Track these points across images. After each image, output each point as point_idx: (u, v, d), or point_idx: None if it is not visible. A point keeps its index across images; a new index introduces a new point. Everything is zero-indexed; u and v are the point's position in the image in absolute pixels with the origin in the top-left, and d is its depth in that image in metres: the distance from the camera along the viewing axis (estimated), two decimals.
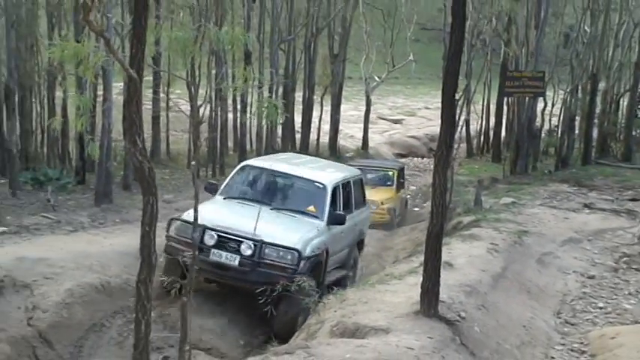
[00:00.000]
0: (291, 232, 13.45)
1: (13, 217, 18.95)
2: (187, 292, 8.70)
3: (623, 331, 12.04)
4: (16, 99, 25.80)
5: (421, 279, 10.47)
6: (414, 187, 33.15)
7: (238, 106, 33.69)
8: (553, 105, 38.77)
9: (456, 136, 14.81)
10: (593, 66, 35.86)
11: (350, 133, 44.66)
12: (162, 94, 31.21)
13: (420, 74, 46.09)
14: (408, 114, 57.81)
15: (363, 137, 43.74)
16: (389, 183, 25.41)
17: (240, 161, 31.46)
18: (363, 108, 45.10)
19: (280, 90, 35.47)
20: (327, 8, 40.82)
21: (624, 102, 38.82)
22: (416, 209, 27.62)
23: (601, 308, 13.86)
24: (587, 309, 13.83)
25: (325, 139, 41.86)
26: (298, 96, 40.07)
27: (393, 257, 19.22)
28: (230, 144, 34.74)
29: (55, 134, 28.95)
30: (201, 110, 9.45)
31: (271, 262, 12.80)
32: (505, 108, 39.67)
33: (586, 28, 36.53)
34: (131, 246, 13.39)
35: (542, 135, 37.23)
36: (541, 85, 30.53)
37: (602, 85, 37.20)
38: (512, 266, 14.97)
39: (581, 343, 11.93)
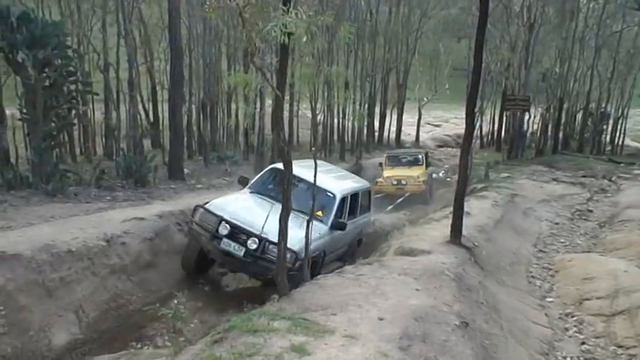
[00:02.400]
0: (293, 234, 9.18)
1: (206, 179, 19.30)
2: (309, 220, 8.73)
3: (575, 257, 12.09)
4: (208, 109, 26.28)
5: (451, 221, 10.51)
6: (447, 166, 32.73)
7: (341, 114, 33.69)
8: (534, 117, 38.78)
9: (474, 134, 14.48)
10: (560, 93, 35.66)
11: (407, 132, 44.72)
12: (295, 107, 31.49)
13: (451, 97, 45.70)
14: (444, 121, 58.45)
15: (416, 135, 44.28)
16: (420, 163, 22.92)
17: (340, 149, 31.92)
18: (416, 117, 45.03)
19: (366, 105, 35.54)
20: (395, 55, 41.02)
21: (579, 115, 38.73)
22: (448, 179, 27.31)
23: (562, 242, 13.90)
24: (553, 243, 13.87)
25: (392, 136, 42.33)
26: (377, 109, 40.05)
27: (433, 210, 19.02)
28: (334, 137, 34.70)
29: (231, 130, 29.43)
30: (318, 116, 10.20)
31: (272, 258, 9.49)
32: (504, 118, 39.17)
33: (556, 69, 36.60)
34: None
35: (528, 135, 36.84)
36: (528, 104, 31.09)
37: (565, 105, 36.88)
38: (506, 215, 14.98)
39: (549, 263, 11.93)
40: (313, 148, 24.90)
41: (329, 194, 11.48)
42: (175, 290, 9.08)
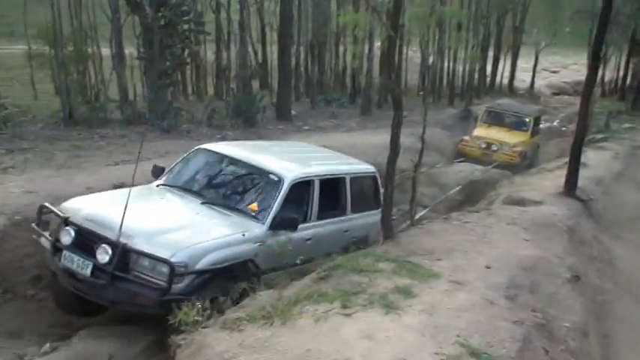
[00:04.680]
0: (175, 236, 6.26)
1: (313, 121, 19.51)
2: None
3: None
4: (316, 51, 26.34)
5: (565, 172, 10.17)
6: (563, 114, 31.33)
7: (452, 58, 32.83)
8: None
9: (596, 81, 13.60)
10: None
11: (522, 78, 42.97)
12: (404, 49, 30.96)
13: (572, 41, 43.48)
14: (562, 67, 55.19)
15: (531, 81, 42.49)
16: (524, 128, 18.82)
17: (449, 94, 31.23)
18: (532, 62, 43.19)
19: (479, 49, 34.42)
20: None
21: None
22: (563, 128, 26.15)
23: None
24: None
25: (505, 82, 40.67)
26: (489, 54, 38.64)
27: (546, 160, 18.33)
28: (444, 82, 33.95)
29: (338, 72, 29.42)
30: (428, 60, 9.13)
31: (141, 276, 5.96)
32: (631, 65, 36.71)
33: None
34: (380, 141, 13.49)
35: None
36: None
37: None
38: (629, 168, 14.27)
39: None
40: (421, 93, 24.60)
41: (272, 178, 7.43)
42: None
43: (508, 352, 4.67)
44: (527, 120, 19.16)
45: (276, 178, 7.39)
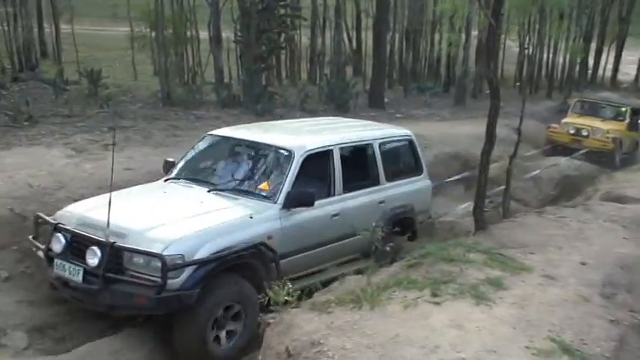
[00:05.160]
0: (170, 228, 5.78)
1: (405, 109, 19.38)
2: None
3: None
4: (411, 38, 26.13)
5: None
6: None
7: (551, 49, 31.77)
8: None
9: None
10: None
11: (626, 71, 40.99)
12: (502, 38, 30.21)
13: None
14: None
15: (636, 74, 40.43)
16: (620, 118, 17.24)
17: (547, 86, 30.27)
18: (638, 55, 41.13)
19: (581, 40, 33.17)
20: None
21: None
22: None
23: None
24: None
25: (607, 74, 38.93)
26: (592, 45, 37.13)
27: None
28: (542, 73, 32.91)
29: (432, 61, 29.08)
30: (527, 50, 8.65)
31: (137, 275, 5.55)
32: None
33: None
34: (473, 131, 13.33)
35: None
36: None
37: None
38: None
39: None
40: (518, 84, 23.99)
41: (283, 153, 6.84)
42: None
43: (602, 351, 4.54)
44: (623, 110, 17.65)
45: (285, 153, 6.82)
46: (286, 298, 5.09)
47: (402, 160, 8.31)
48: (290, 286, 5.16)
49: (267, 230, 6.21)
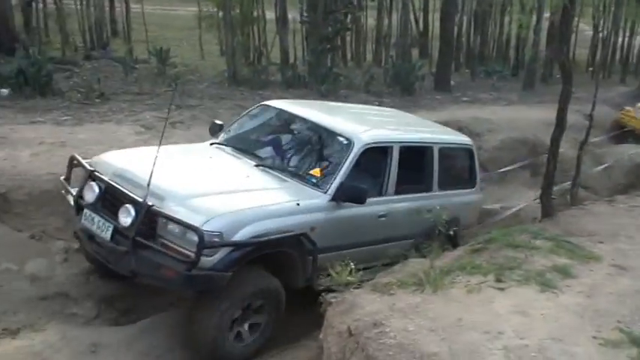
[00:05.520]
0: (213, 200, 5.40)
1: (472, 92, 19.03)
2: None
3: None
4: (479, 21, 25.64)
5: None
6: None
7: (627, 32, 30.64)
8: None
9: None
10: None
11: None
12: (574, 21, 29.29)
13: None
14: None
15: None
16: None
17: (621, 70, 29.23)
18: None
19: None
20: None
21: None
22: None
23: None
24: None
25: None
26: None
27: None
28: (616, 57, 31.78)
29: (501, 44, 28.46)
30: (600, 33, 8.32)
31: (167, 244, 5.14)
32: None
33: None
34: (542, 117, 13.02)
35: None
36: None
37: None
38: None
39: None
40: (591, 68, 23.27)
41: (342, 140, 6.40)
42: None
43: None
44: None
45: (345, 141, 6.33)
46: (348, 278, 5.14)
47: (458, 170, 7.84)
48: (353, 266, 5.19)
49: (311, 221, 5.78)
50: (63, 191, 6.19)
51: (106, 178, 5.65)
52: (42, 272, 6.43)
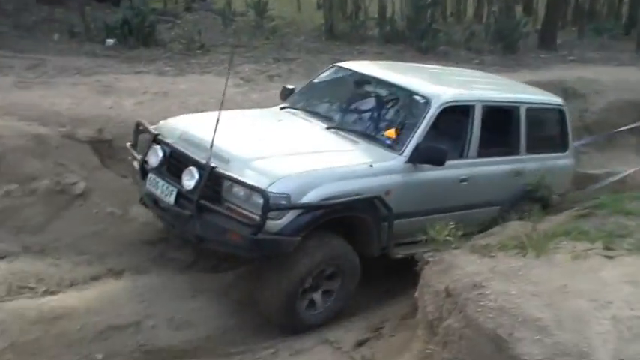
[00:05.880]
0: (279, 161, 5.28)
1: (578, 51, 18.16)
2: None
3: None
4: None
5: None
6: None
7: None
8: None
9: None
10: None
11: None
12: None
13: None
14: None
15: None
16: None
17: None
18: None
19: None
20: None
21: None
22: None
23: None
24: None
25: None
26: None
27: None
28: None
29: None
30: None
31: (232, 207, 5.08)
32: None
33: None
34: None
35: None
36: None
37: None
38: None
39: None
40: None
41: (418, 99, 6.11)
42: None
43: None
44: None
45: (422, 100, 6.05)
46: (447, 237, 5.05)
47: (548, 133, 7.35)
48: (452, 225, 5.09)
49: (386, 184, 5.57)
50: (129, 157, 6.20)
51: (169, 142, 5.64)
52: (144, 217, 6.64)
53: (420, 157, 5.71)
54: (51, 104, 7.83)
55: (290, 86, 7.17)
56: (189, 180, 5.20)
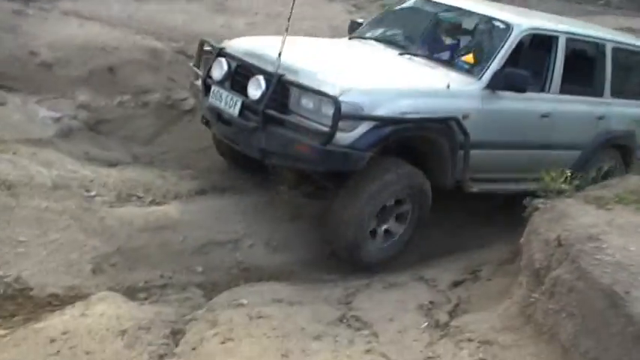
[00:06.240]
0: (351, 73, 5.12)
1: None
2: None
3: None
4: None
5: None
6: None
7: None
8: None
9: None
10: None
11: None
12: None
13: None
14: None
15: None
16: None
17: None
18: None
19: None
20: None
21: None
22: None
23: None
24: None
25: None
26: None
27: None
28: None
29: None
30: None
31: (300, 118, 4.82)
32: None
33: None
34: None
35: None
36: None
37: None
38: None
39: None
40: None
41: (500, 26, 5.79)
42: None
43: None
44: None
45: (502, 26, 5.74)
46: (562, 185, 4.81)
47: (634, 77, 6.86)
48: (568, 173, 4.84)
49: (463, 107, 5.23)
50: (192, 78, 5.99)
51: (236, 55, 5.39)
52: None
53: (500, 82, 5.42)
54: (166, 19, 7.90)
55: (360, 20, 6.90)
56: (256, 89, 4.94)
